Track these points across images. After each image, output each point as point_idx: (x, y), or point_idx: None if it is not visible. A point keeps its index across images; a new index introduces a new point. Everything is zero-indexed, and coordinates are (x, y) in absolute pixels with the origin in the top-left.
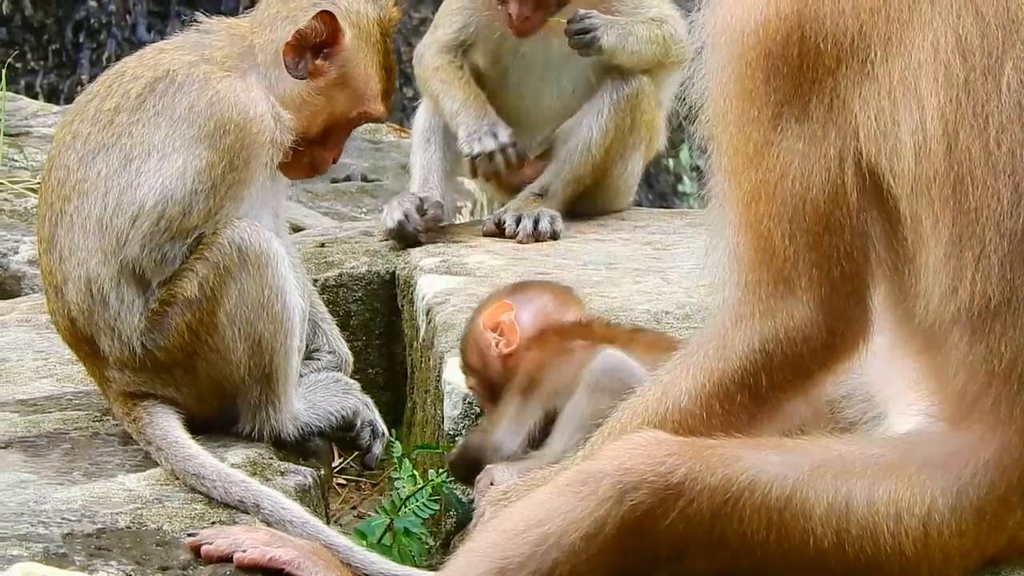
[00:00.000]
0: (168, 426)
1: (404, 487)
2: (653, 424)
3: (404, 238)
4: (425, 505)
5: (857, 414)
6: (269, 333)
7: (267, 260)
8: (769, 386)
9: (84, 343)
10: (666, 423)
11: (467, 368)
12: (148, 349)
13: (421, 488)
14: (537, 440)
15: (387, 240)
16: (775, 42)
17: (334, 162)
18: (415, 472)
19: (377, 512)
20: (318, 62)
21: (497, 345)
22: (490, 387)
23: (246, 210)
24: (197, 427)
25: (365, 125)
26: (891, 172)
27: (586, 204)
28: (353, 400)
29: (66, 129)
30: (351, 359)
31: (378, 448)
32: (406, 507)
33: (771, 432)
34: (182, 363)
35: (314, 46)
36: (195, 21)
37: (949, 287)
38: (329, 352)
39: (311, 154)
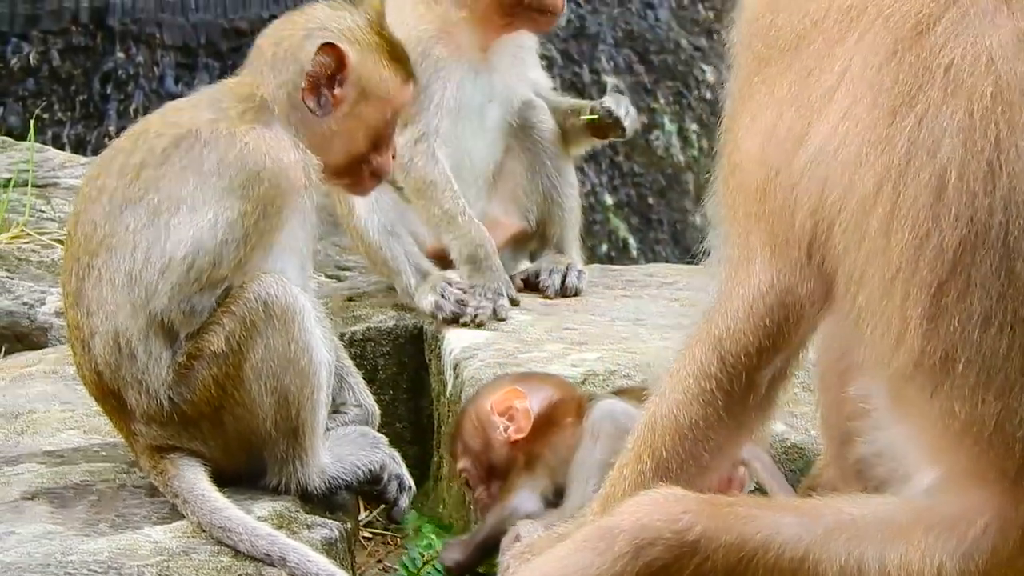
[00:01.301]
0: (195, 479)
1: (421, 555)
2: (647, 429)
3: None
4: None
5: (888, 472)
6: (296, 387)
7: (293, 315)
8: (734, 349)
9: (111, 397)
10: (656, 423)
11: (464, 451)
12: (175, 403)
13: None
14: (552, 503)
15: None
16: (752, 18)
17: (393, 158)
18: (432, 537)
19: (399, 568)
20: (336, 92)
21: (506, 430)
22: (488, 470)
23: (274, 262)
24: (224, 480)
25: None
26: (799, 180)
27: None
28: (380, 454)
29: (92, 184)
30: (378, 412)
31: (404, 502)
32: (426, 566)
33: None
34: (209, 417)
35: (327, 79)
36: (223, 74)
37: (892, 339)
38: (356, 405)
39: (369, 167)
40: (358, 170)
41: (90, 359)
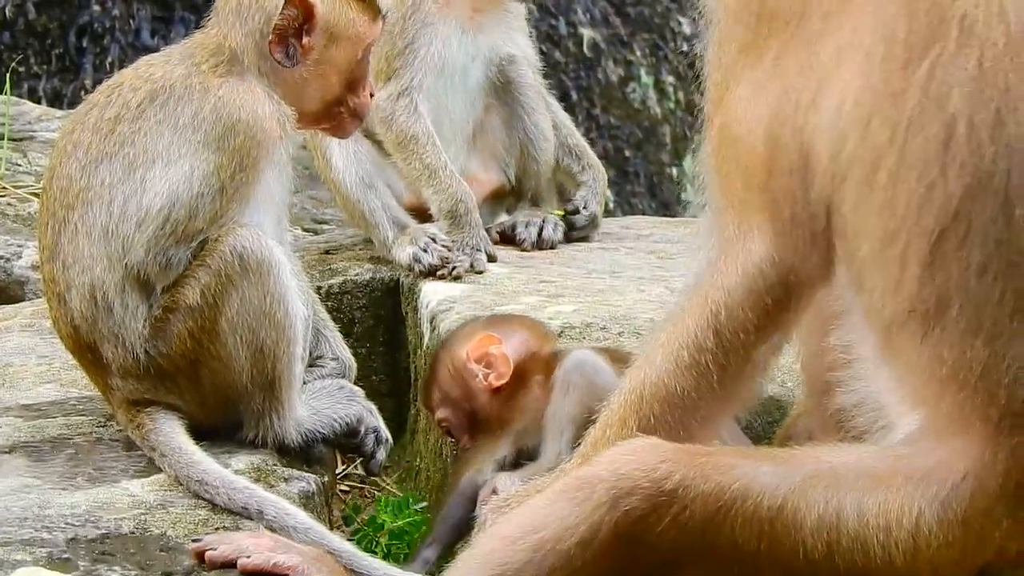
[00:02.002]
0: (172, 432)
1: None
2: (635, 394)
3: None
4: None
5: (867, 423)
6: (272, 340)
7: (268, 268)
8: (731, 325)
9: (87, 351)
10: (645, 389)
11: (442, 400)
12: (151, 356)
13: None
14: (508, 466)
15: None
16: None
17: (371, 96)
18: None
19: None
20: (304, 41)
21: (486, 378)
22: (470, 419)
23: (250, 214)
24: (201, 434)
25: None
26: (811, 145)
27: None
28: (357, 407)
29: (67, 138)
30: (355, 366)
31: (382, 454)
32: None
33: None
34: (185, 370)
35: (295, 30)
36: (199, 27)
37: (890, 287)
38: (333, 359)
39: (347, 108)
40: (336, 113)
41: (66, 313)
